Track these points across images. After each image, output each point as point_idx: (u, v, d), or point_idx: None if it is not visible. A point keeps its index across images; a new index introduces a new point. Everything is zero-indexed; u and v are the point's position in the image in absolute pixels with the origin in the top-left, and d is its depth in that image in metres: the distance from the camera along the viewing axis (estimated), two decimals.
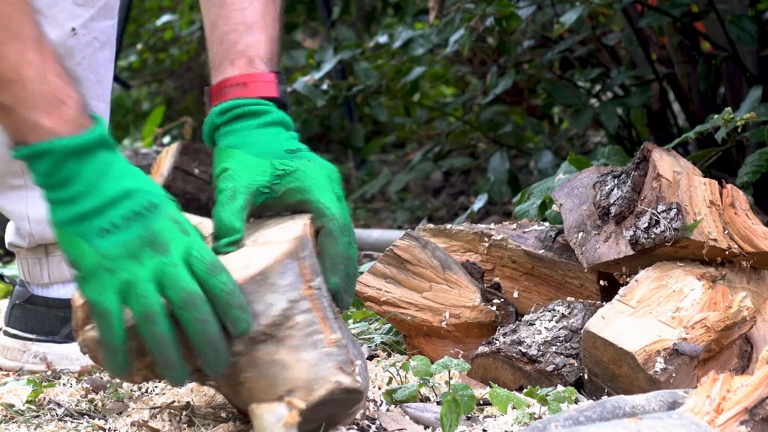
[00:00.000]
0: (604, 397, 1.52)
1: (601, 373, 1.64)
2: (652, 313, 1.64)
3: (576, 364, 1.70)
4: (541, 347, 1.72)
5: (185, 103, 6.02)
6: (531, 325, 1.77)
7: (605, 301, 1.73)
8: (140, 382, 1.59)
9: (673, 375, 1.58)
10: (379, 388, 1.70)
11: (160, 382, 1.75)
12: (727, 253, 1.73)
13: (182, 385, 1.49)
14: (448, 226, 2.05)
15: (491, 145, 3.96)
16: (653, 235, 1.73)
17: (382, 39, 3.95)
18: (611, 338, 1.61)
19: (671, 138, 3.00)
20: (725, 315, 1.63)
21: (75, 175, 1.40)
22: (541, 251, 1.94)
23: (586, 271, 1.85)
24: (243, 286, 1.40)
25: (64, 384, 1.83)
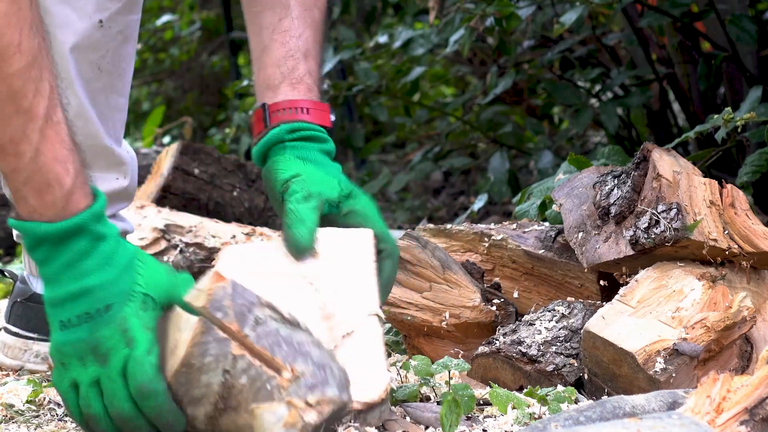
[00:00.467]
0: (604, 397, 1.52)
1: (601, 373, 1.64)
2: (652, 313, 1.64)
3: (576, 364, 1.70)
4: (541, 347, 1.72)
5: (185, 103, 6.02)
6: (531, 325, 1.77)
7: (605, 301, 1.73)
8: None
9: (673, 375, 1.58)
10: None
11: None
12: (727, 253, 1.73)
13: None
14: (448, 226, 2.05)
15: (491, 145, 3.95)
16: (653, 235, 1.73)
17: (382, 39, 3.95)
18: (611, 338, 1.61)
19: (671, 138, 3.00)
20: (725, 315, 1.63)
21: (48, 259, 1.42)
22: (541, 251, 1.94)
23: (586, 271, 1.85)
24: (174, 380, 1.39)
25: None
